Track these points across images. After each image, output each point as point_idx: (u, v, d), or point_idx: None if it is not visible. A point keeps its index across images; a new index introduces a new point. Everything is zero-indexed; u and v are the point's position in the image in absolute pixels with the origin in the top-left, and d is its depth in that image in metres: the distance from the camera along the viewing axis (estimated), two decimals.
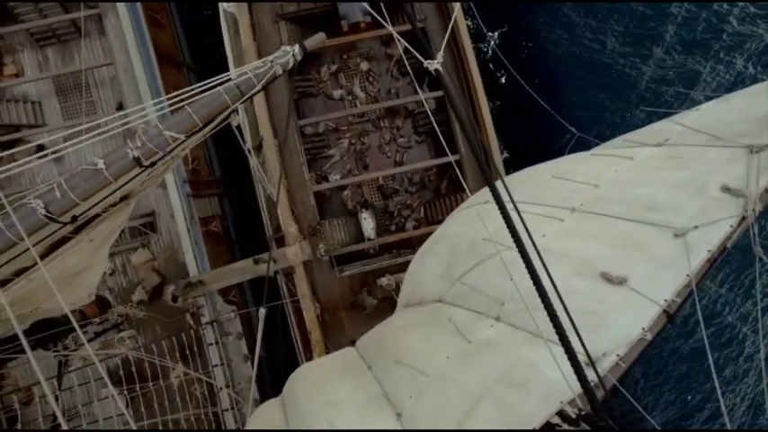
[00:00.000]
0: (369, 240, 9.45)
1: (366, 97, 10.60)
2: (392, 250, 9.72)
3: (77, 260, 4.84)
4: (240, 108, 4.67)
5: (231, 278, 9.02)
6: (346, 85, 10.61)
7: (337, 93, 10.52)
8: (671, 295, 3.54)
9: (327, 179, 10.25)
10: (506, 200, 3.52)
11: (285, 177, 9.13)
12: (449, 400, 4.10)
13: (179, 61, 11.44)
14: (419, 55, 4.34)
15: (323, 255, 9.14)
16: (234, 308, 9.63)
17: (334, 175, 10.30)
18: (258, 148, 9.49)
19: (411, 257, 6.91)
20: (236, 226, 11.84)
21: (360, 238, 9.60)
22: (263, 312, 5.51)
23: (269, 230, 10.55)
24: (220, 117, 4.06)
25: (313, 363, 6.86)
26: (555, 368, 3.45)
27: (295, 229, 8.90)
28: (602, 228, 4.26)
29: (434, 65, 4.19)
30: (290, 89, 8.97)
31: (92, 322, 8.52)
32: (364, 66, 10.59)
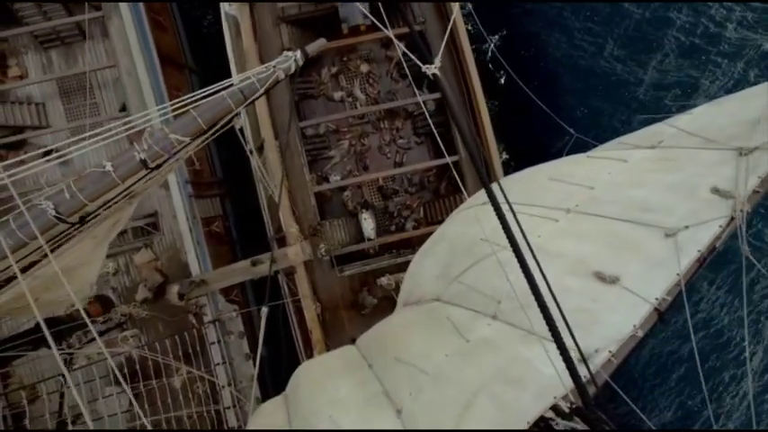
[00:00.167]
0: (369, 240, 9.53)
1: (366, 99, 10.68)
2: (392, 250, 9.79)
3: (79, 255, 4.94)
4: (242, 110, 4.77)
5: (233, 278, 9.12)
6: (347, 87, 10.69)
7: (338, 94, 10.60)
8: (662, 293, 3.65)
9: (328, 180, 10.33)
10: (502, 201, 3.63)
11: (286, 178, 9.21)
12: (447, 397, 4.20)
13: (181, 63, 11.54)
14: (417, 60, 4.43)
15: (323, 255, 9.23)
16: (236, 307, 9.71)
17: (334, 176, 10.38)
18: (259, 150, 9.58)
19: (411, 257, 7.00)
20: (237, 226, 11.92)
21: (360, 239, 9.67)
22: (266, 311, 5.58)
23: (270, 231, 10.63)
24: (224, 120, 4.17)
25: (314, 360, 6.96)
26: (549, 365, 3.56)
27: (296, 230, 8.99)
28: (596, 228, 4.36)
29: (432, 69, 4.29)
30: (291, 91, 9.05)
31: (95, 321, 8.60)
32: (364, 68, 10.68)
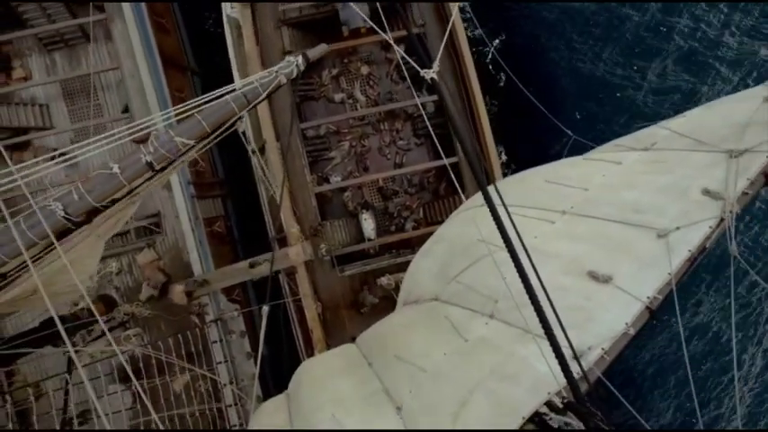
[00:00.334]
0: (369, 241, 9.60)
1: (366, 100, 10.76)
2: (392, 250, 9.87)
3: (80, 249, 5.05)
4: (245, 113, 4.87)
5: (234, 278, 9.22)
6: (347, 89, 10.78)
7: (338, 96, 10.69)
8: (653, 292, 3.75)
9: (329, 181, 10.43)
10: (498, 203, 3.74)
11: (287, 179, 9.30)
12: (445, 394, 4.31)
13: (184, 65, 11.65)
14: (416, 65, 4.53)
15: (324, 255, 9.32)
16: (237, 306, 9.81)
17: (335, 177, 10.47)
18: (261, 150, 9.67)
19: (410, 257, 7.10)
20: (239, 226, 12.03)
21: (360, 239, 9.75)
22: (267, 309, 5.67)
23: (271, 231, 10.73)
24: (228, 123, 4.27)
25: (315, 359, 7.06)
26: (544, 362, 3.67)
27: (297, 230, 9.09)
28: (590, 229, 4.46)
29: (430, 74, 4.40)
30: (293, 93, 9.14)
31: (98, 320, 8.70)
32: (365, 70, 10.76)
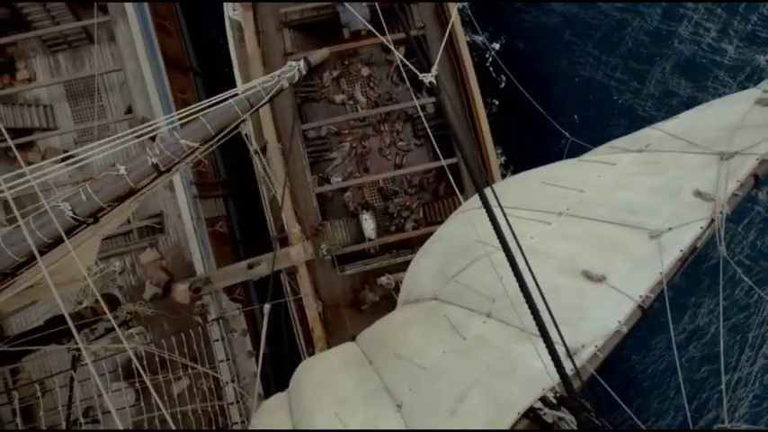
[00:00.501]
0: (369, 241, 9.71)
1: (367, 102, 10.86)
2: (392, 250, 9.97)
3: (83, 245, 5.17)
4: (248, 116, 4.97)
5: (237, 277, 9.32)
6: (348, 90, 10.88)
7: (339, 98, 10.80)
8: (645, 291, 3.85)
9: (329, 181, 10.52)
10: (495, 205, 3.83)
11: (289, 180, 9.40)
12: (443, 391, 4.40)
13: (186, 66, 11.76)
14: (415, 69, 4.63)
15: (325, 254, 9.43)
16: (239, 305, 9.92)
17: (335, 178, 10.57)
18: (262, 151, 9.77)
19: (410, 257, 7.19)
20: (240, 226, 12.13)
21: (360, 239, 9.86)
22: (268, 308, 5.77)
23: (272, 231, 10.82)
24: (231, 126, 4.38)
25: (316, 357, 7.15)
26: (539, 359, 3.76)
27: (298, 230, 9.19)
28: (585, 230, 4.56)
29: (429, 77, 4.49)
30: (294, 95, 9.24)
31: (102, 319, 8.82)
32: (365, 71, 10.87)
